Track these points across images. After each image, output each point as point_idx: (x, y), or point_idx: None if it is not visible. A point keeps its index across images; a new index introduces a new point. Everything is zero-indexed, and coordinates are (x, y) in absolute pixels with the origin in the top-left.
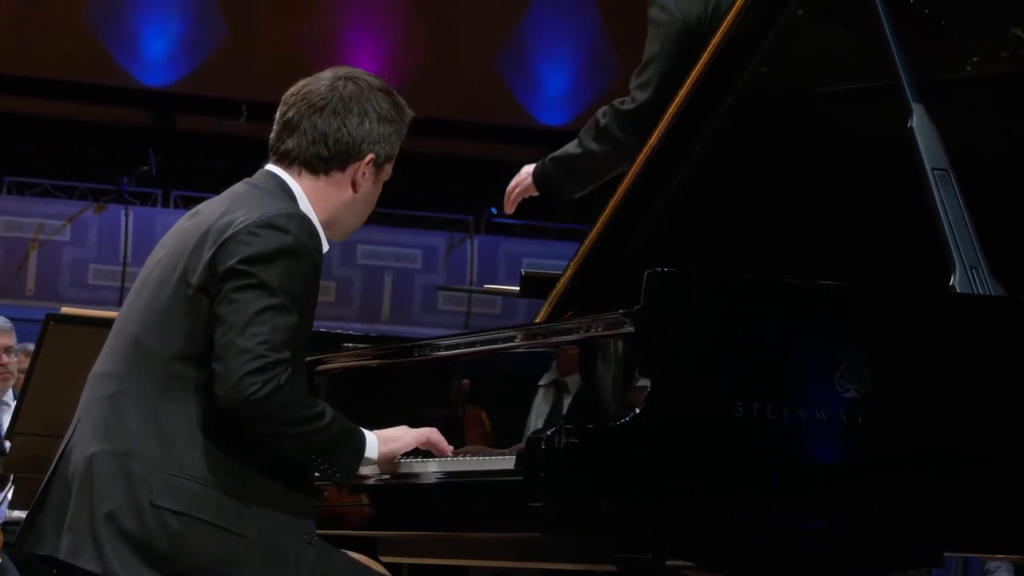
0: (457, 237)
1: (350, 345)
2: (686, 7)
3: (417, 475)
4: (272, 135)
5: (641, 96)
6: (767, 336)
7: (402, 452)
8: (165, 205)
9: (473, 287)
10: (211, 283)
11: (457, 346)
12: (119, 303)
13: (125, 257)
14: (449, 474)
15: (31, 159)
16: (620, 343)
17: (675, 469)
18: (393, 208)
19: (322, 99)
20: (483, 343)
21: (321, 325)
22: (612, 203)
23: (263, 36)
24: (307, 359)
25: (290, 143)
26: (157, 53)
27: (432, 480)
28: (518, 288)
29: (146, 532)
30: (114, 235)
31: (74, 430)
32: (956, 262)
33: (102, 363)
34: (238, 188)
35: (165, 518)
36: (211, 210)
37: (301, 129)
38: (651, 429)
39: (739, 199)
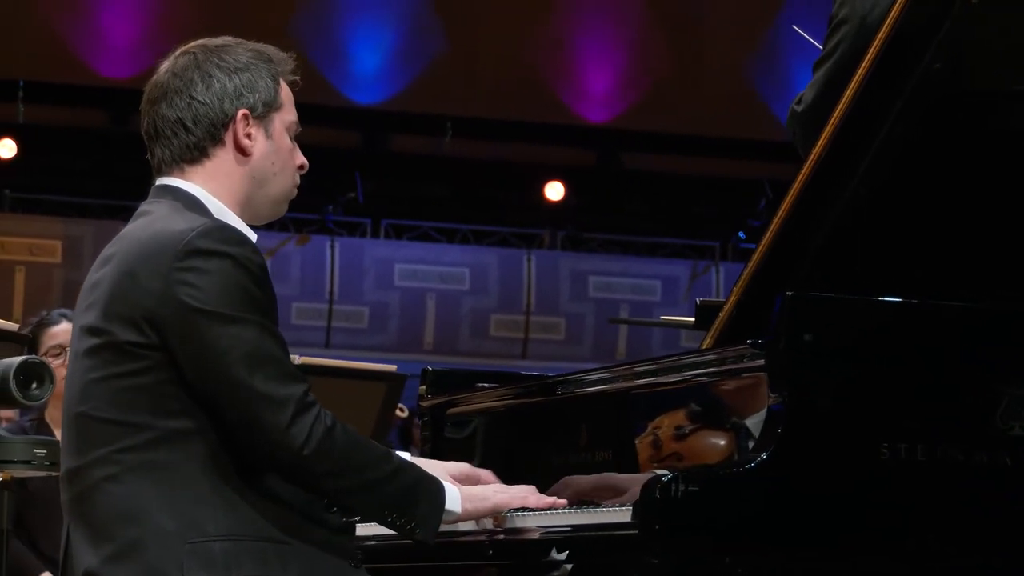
0: (701, 265)
1: (485, 385)
2: (869, 5)
3: (524, 529)
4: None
5: (808, 96)
6: (916, 368)
7: (488, 515)
8: (375, 235)
9: (641, 319)
10: (157, 337)
11: (589, 383)
12: (326, 344)
13: (332, 294)
14: (568, 527)
15: None
16: (748, 376)
17: (809, 520)
18: (629, 235)
19: (160, 87)
20: (604, 381)
21: (550, 368)
22: (776, 220)
23: (486, 47)
24: (440, 401)
25: (159, 151)
26: (369, 67)
27: (539, 535)
28: (693, 320)
29: None
30: (319, 269)
31: (66, 546)
32: None
33: (65, 459)
34: (138, 220)
35: None
36: (120, 254)
37: (158, 129)
38: (783, 473)
39: (913, 212)
